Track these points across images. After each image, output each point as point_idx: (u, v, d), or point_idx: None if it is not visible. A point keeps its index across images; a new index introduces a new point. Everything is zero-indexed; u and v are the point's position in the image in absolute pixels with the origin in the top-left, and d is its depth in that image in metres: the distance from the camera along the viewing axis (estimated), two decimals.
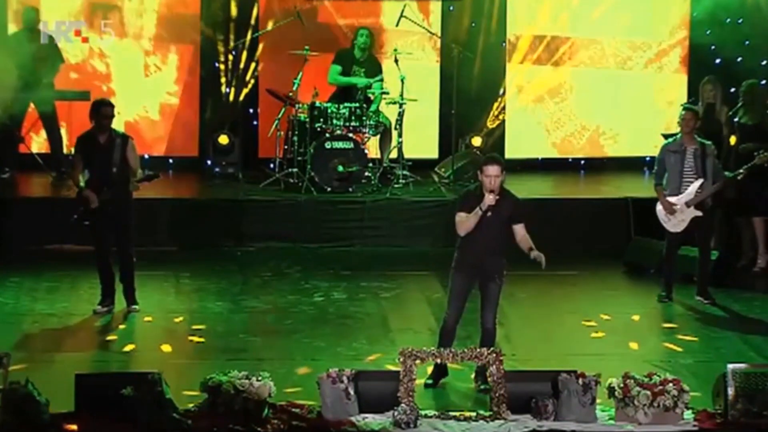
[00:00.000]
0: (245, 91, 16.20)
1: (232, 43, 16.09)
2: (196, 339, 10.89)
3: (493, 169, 9.35)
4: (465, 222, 9.43)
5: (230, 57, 16.09)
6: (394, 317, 11.68)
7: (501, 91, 16.47)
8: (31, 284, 12.53)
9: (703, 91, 13.85)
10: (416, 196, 14.64)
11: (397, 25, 15.80)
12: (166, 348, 10.57)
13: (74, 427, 8.31)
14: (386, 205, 14.53)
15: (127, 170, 11.30)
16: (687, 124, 12.03)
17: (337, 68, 15.35)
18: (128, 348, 10.67)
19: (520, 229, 9.57)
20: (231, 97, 16.17)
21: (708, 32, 16.51)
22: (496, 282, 9.58)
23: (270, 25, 16.07)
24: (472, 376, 9.65)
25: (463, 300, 9.62)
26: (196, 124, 16.46)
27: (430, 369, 9.67)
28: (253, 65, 16.17)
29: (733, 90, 14.49)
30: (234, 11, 16.10)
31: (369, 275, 13.08)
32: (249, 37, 16.01)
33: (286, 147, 15.27)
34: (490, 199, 9.33)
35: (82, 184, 11.31)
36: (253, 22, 16.13)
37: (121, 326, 11.24)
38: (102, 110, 11.34)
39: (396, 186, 15.00)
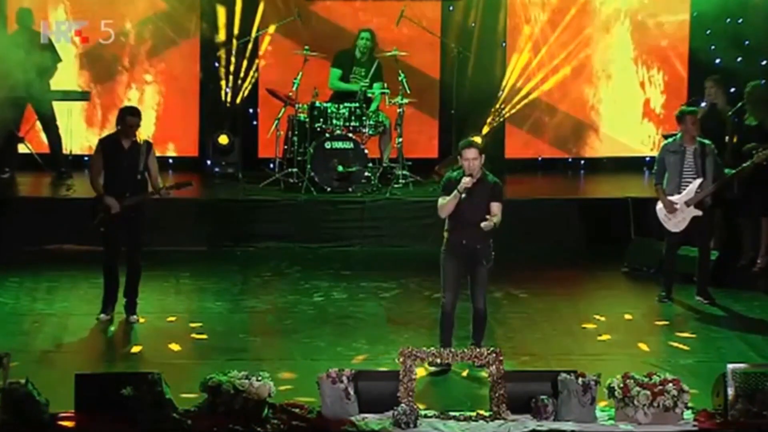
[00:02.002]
0: (245, 91, 16.19)
1: (233, 43, 16.08)
2: (197, 336, 10.88)
3: (470, 152, 9.91)
4: (445, 204, 9.95)
5: (230, 57, 16.08)
6: (394, 317, 11.68)
7: (501, 91, 16.46)
8: (31, 284, 12.53)
9: (707, 90, 13.86)
10: (416, 196, 14.64)
11: (397, 25, 15.81)
12: (175, 347, 10.56)
13: (70, 424, 8.31)
14: (386, 205, 14.53)
15: (147, 177, 11.22)
16: (690, 128, 12.01)
17: (337, 72, 15.36)
18: (128, 348, 10.66)
19: (494, 207, 9.98)
20: (231, 97, 16.16)
21: (708, 32, 16.52)
22: (484, 265, 10.07)
23: (270, 25, 16.07)
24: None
25: (457, 284, 10.09)
26: (196, 124, 16.46)
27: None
28: (253, 65, 16.16)
29: (733, 90, 14.49)
30: (234, 11, 16.08)
31: (369, 275, 13.08)
32: (249, 37, 16.01)
33: (286, 147, 15.28)
34: (466, 181, 9.84)
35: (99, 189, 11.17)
36: (253, 22, 16.12)
37: (121, 326, 11.23)
38: (127, 119, 11.16)
39: (396, 186, 15.01)
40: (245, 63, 16.10)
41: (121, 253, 11.34)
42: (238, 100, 16.22)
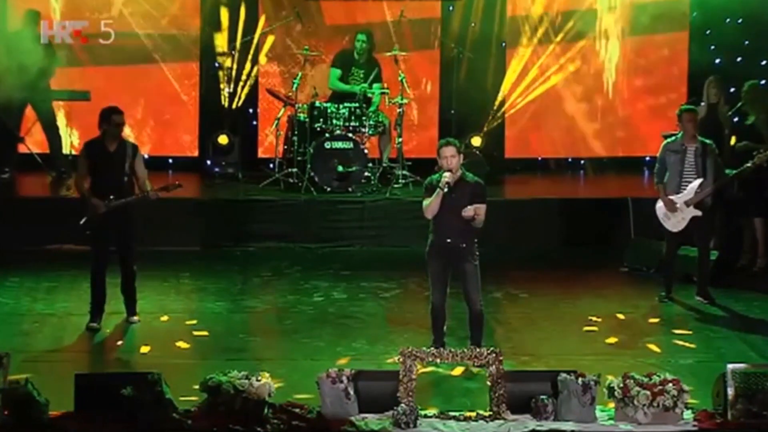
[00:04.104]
0: (245, 91, 16.19)
1: (233, 44, 16.06)
2: (197, 336, 10.88)
3: (448, 150, 9.95)
4: (429, 204, 10.00)
5: (230, 57, 16.08)
6: (394, 317, 11.69)
7: (501, 91, 16.46)
8: (31, 284, 12.53)
9: (706, 90, 13.86)
10: (416, 196, 14.58)
11: (397, 25, 15.82)
12: (176, 346, 10.56)
13: (70, 424, 8.31)
14: (386, 205, 14.54)
15: (134, 180, 11.07)
16: (687, 126, 12.03)
17: (337, 72, 15.36)
18: (128, 348, 10.66)
19: (478, 210, 10.00)
20: (231, 97, 16.15)
21: (708, 32, 16.52)
22: (471, 263, 10.05)
23: (270, 25, 16.07)
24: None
25: (444, 282, 10.13)
26: (196, 124, 16.46)
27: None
28: (253, 65, 16.15)
29: (733, 90, 14.50)
30: (234, 11, 16.08)
31: (369, 275, 13.09)
32: (249, 37, 16.00)
33: (285, 147, 15.29)
34: (447, 176, 9.89)
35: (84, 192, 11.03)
36: (253, 22, 16.12)
37: (121, 326, 11.21)
38: (113, 118, 11.00)
39: (396, 186, 15.02)
40: (245, 63, 16.10)
41: (110, 257, 11.15)
42: (238, 101, 16.21)
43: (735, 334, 11.20)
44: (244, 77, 16.11)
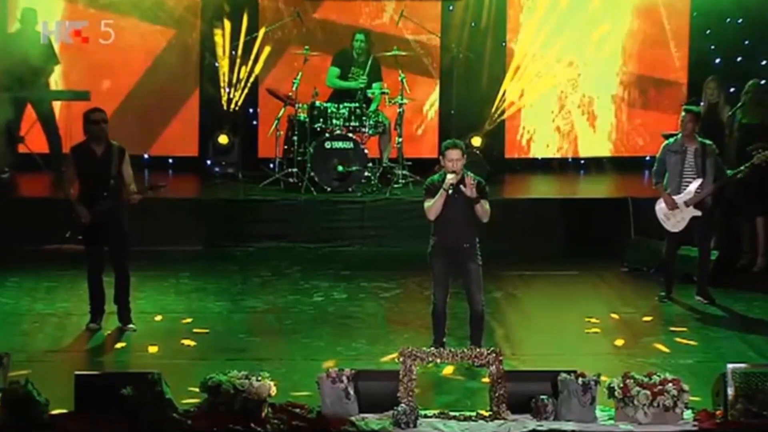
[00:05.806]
0: (245, 91, 16.18)
1: (233, 43, 16.05)
2: (197, 335, 10.88)
3: (454, 153, 9.99)
4: (432, 205, 10.04)
5: (230, 57, 16.06)
6: (394, 317, 11.69)
7: (501, 91, 16.45)
8: (31, 284, 12.53)
9: (707, 90, 13.85)
10: (416, 196, 14.60)
11: (397, 24, 15.82)
12: (175, 346, 10.55)
13: (70, 424, 8.31)
14: (386, 205, 14.53)
15: (121, 183, 10.93)
16: (687, 126, 12.03)
17: (336, 71, 15.35)
18: (128, 348, 10.65)
19: (481, 205, 10.08)
20: (231, 97, 16.14)
21: (708, 32, 16.52)
22: (475, 262, 10.09)
23: (270, 25, 16.06)
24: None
25: (446, 283, 10.18)
26: (196, 124, 16.46)
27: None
28: (253, 65, 16.14)
29: (732, 90, 14.49)
30: (234, 11, 16.07)
31: (369, 275, 13.08)
32: (249, 36, 15.99)
33: (286, 147, 15.28)
34: (450, 178, 9.94)
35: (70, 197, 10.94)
36: (253, 21, 16.11)
37: (121, 326, 11.21)
38: (91, 116, 10.88)
39: (396, 186, 15.01)
40: (245, 63, 16.08)
41: (105, 256, 11.06)
42: (238, 101, 16.19)
43: (735, 334, 11.20)
44: (244, 77, 16.09)
